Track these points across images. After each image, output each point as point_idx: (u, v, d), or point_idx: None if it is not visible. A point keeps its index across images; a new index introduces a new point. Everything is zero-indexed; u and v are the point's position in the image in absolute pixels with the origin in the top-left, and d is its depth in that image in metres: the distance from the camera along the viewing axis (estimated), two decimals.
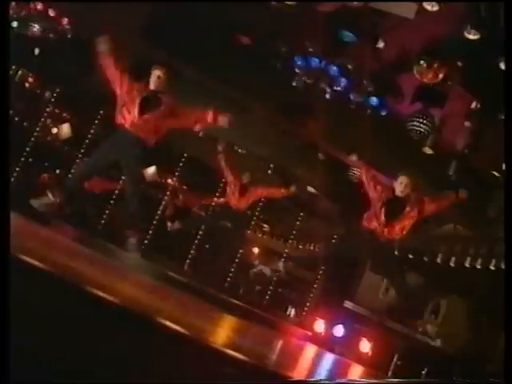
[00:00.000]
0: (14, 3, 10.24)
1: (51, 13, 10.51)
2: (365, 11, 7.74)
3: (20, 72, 12.68)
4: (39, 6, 10.46)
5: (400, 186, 7.52)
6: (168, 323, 4.27)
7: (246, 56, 9.56)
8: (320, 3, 7.93)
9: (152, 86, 7.16)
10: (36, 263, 4.00)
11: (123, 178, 7.66)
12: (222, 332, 6.66)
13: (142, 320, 4.13)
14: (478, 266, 11.14)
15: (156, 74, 7.15)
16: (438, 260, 12.47)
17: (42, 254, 5.33)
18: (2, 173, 3.78)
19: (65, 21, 10.70)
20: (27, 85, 13.10)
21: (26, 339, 3.34)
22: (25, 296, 3.54)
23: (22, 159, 12.13)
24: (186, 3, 8.78)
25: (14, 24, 10.74)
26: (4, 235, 3.43)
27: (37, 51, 11.32)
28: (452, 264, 12.23)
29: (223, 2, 8.71)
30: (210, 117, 7.19)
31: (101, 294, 4.09)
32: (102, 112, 12.39)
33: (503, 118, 7.14)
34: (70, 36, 10.95)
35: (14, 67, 12.37)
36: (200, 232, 13.16)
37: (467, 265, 11.82)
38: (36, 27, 10.69)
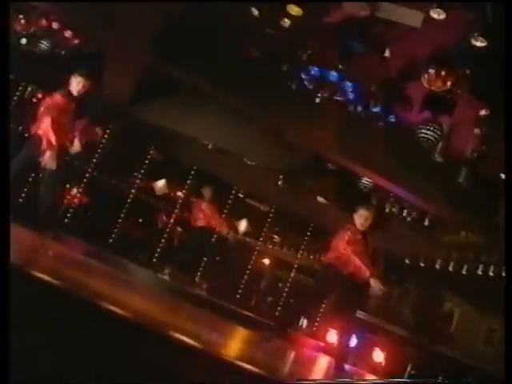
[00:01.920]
0: (22, 21, 10.32)
1: (55, 26, 10.59)
2: (371, 21, 7.74)
3: (29, 88, 12.76)
4: (44, 22, 10.54)
5: (360, 218, 7.50)
6: (180, 336, 4.27)
7: (254, 68, 9.59)
8: (326, 15, 7.93)
9: (74, 93, 7.45)
10: (48, 278, 4.01)
11: None
12: (234, 344, 6.64)
13: (154, 333, 4.13)
14: (491, 274, 11.08)
15: (77, 80, 7.42)
16: (450, 268, 12.41)
17: (54, 269, 5.35)
18: (2, 185, 3.74)
19: (68, 33, 10.78)
20: (36, 101, 13.17)
21: (39, 353, 3.35)
22: (37, 310, 3.55)
23: (33, 174, 12.17)
24: (195, 16, 8.82)
25: (23, 41, 10.84)
26: (4, 247, 3.41)
27: (45, 67, 11.41)
28: (464, 272, 12.17)
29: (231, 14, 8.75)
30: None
31: (112, 308, 4.09)
32: (111, 126, 12.46)
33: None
34: (78, 50, 11.05)
35: (23, 83, 12.46)
36: (210, 244, 13.18)
37: (480, 272, 11.76)
38: (44, 44, 10.78)
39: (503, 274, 10.42)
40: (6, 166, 3.81)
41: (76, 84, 7.43)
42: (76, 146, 7.63)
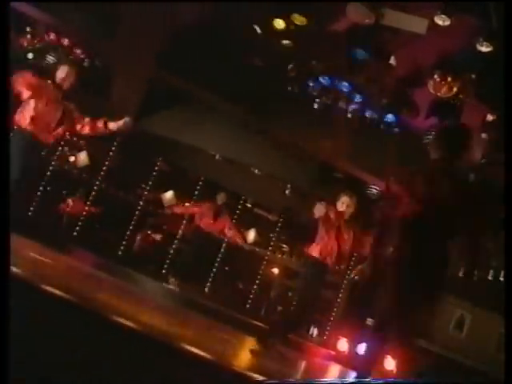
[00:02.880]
0: (28, 35, 10.39)
1: (65, 42, 10.65)
2: (377, 29, 7.75)
3: None
4: (52, 36, 10.60)
5: (341, 205, 7.52)
6: (190, 347, 4.25)
7: (261, 78, 9.61)
8: (332, 23, 7.95)
9: (57, 80, 7.01)
10: (57, 291, 4.01)
11: None
12: (245, 354, 6.62)
13: (164, 345, 4.12)
14: (501, 279, 11.02)
15: (62, 68, 7.04)
16: (460, 274, 12.33)
17: (63, 281, 5.35)
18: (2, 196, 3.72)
19: (76, 48, 10.84)
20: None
21: (47, 366, 3.34)
22: (45, 324, 3.54)
23: (41, 188, 12.22)
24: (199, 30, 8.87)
25: (30, 55, 10.90)
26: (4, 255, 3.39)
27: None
28: (475, 277, 12.09)
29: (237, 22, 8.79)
30: (100, 125, 7.09)
31: (121, 320, 4.09)
32: (117, 139, 12.48)
33: None
34: (85, 65, 11.11)
35: None
36: (219, 254, 13.17)
37: (490, 277, 11.69)
38: (51, 58, 10.83)
39: None
40: (6, 169, 3.76)
41: (60, 71, 6.98)
42: (83, 158, 7.56)
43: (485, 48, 7.21)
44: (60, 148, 12.75)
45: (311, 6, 8.05)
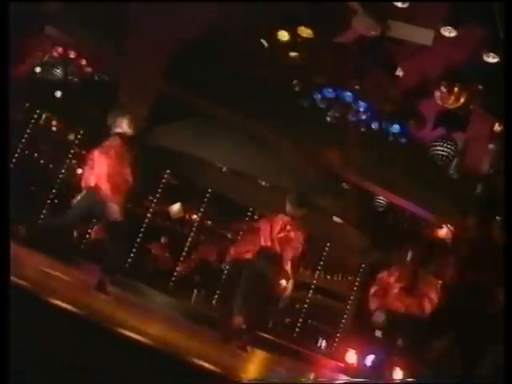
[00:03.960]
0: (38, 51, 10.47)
1: (68, 54, 10.70)
2: (383, 40, 7.76)
3: (44, 116, 12.88)
4: (60, 50, 10.66)
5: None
6: (198, 361, 4.24)
7: (266, 89, 9.63)
8: (338, 35, 7.97)
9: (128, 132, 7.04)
10: (62, 304, 4.01)
11: None
12: (253, 367, 6.59)
13: (172, 359, 4.10)
14: None
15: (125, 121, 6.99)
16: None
17: (68, 294, 5.35)
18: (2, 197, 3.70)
19: (82, 61, 10.88)
20: (52, 128, 13.30)
21: (52, 379, 3.33)
22: (52, 337, 3.54)
23: (48, 201, 12.26)
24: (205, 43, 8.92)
25: (38, 69, 10.97)
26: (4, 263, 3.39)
27: (59, 94, 11.52)
28: None
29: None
30: None
31: (129, 333, 4.08)
32: None
33: None
34: (92, 78, 11.16)
35: (38, 111, 12.59)
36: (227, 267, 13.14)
37: None
38: (59, 72, 10.89)
39: None
40: (5, 173, 3.76)
41: (125, 124, 6.95)
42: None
43: (492, 59, 7.21)
44: (67, 161, 12.84)
45: (318, 18, 8.08)
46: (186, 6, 8.14)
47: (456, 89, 8.21)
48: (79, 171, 13.18)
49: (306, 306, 14.70)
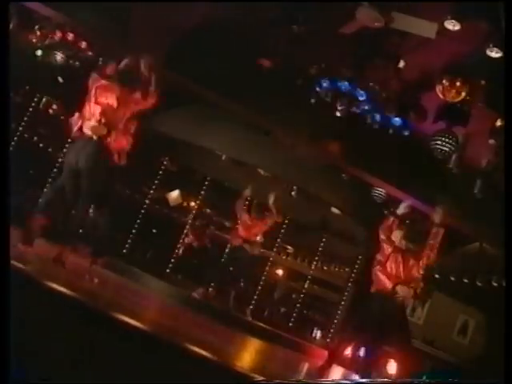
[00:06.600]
0: (38, 32, 10.41)
1: (70, 37, 10.64)
2: (386, 32, 7.74)
3: (44, 99, 12.84)
4: (59, 34, 10.60)
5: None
6: (194, 347, 4.25)
7: (266, 79, 9.61)
8: (341, 26, 7.93)
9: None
10: (61, 289, 4.02)
11: None
12: (248, 356, 6.62)
13: (168, 345, 4.12)
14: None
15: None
16: (465, 279, 12.31)
17: (67, 279, 5.36)
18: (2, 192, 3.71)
19: (83, 44, 10.83)
20: (51, 112, 13.25)
21: (52, 364, 3.35)
22: (51, 321, 3.55)
23: (47, 185, 12.23)
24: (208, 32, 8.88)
25: (39, 52, 10.92)
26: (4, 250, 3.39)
27: (59, 78, 11.49)
28: (479, 283, 12.07)
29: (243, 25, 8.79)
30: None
31: (125, 318, 4.09)
32: None
33: None
34: (93, 62, 11.11)
35: (38, 95, 12.54)
36: (224, 255, 13.15)
37: (495, 283, 11.66)
38: (59, 55, 10.85)
39: None
40: (5, 169, 3.77)
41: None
42: None
43: (495, 54, 7.19)
44: (67, 145, 12.80)
45: (321, 8, 8.05)
46: None
47: (458, 83, 8.20)
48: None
49: (302, 296, 14.74)
